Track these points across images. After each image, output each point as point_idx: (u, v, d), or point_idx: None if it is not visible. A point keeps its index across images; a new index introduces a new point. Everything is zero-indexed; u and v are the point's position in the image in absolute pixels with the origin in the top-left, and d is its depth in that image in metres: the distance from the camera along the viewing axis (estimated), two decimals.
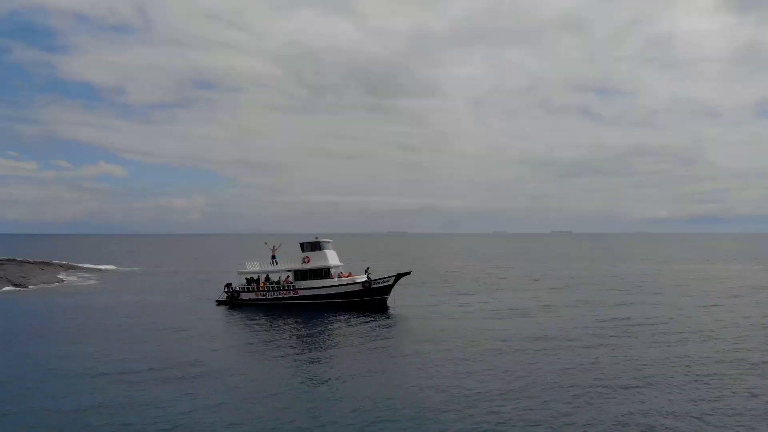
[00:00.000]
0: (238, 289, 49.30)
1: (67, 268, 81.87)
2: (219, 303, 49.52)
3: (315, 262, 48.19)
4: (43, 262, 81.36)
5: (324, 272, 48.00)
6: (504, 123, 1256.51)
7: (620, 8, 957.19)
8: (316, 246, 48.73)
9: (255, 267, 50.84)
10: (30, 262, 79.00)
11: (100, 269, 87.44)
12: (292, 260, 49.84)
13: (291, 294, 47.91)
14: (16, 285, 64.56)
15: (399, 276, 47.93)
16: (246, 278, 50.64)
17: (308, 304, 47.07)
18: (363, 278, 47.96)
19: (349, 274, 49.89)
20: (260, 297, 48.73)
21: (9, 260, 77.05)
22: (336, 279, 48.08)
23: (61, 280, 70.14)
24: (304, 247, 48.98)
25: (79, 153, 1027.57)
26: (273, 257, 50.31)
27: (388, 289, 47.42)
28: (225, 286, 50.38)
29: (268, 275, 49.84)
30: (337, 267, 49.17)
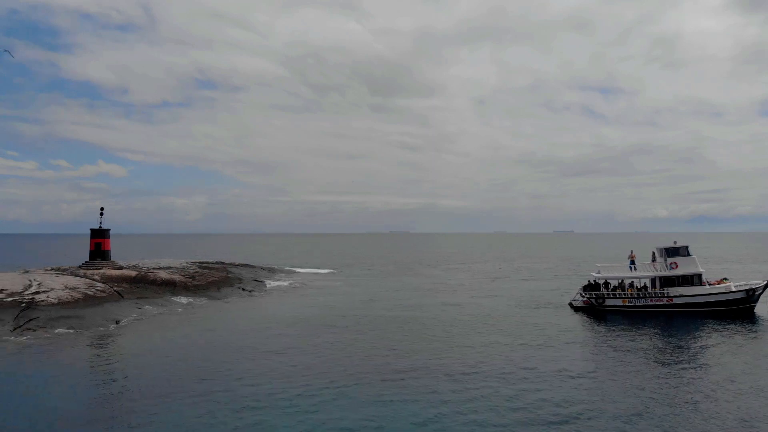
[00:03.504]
0: (604, 294, 47.54)
1: (269, 270, 78.80)
2: (576, 308, 47.86)
3: (684, 268, 46.52)
4: (246, 265, 78.24)
5: (695, 278, 46.43)
6: (507, 122, 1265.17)
7: (625, 8, 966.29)
8: (683, 251, 47.13)
9: (616, 272, 49.10)
10: (236, 265, 75.92)
11: (295, 271, 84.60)
12: (646, 266, 48.22)
13: (664, 301, 46.21)
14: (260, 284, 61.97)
15: None
16: (591, 282, 49.17)
17: (681, 312, 45.47)
18: (730, 284, 46.56)
19: (721, 281, 48.29)
20: (627, 304, 46.96)
21: (218, 263, 73.94)
22: (708, 286, 46.55)
23: (290, 282, 67.31)
24: (669, 252, 47.31)
25: (79, 153, 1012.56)
26: (632, 262, 48.54)
27: (758, 297, 46.09)
28: (584, 290, 48.70)
29: (632, 281, 48.20)
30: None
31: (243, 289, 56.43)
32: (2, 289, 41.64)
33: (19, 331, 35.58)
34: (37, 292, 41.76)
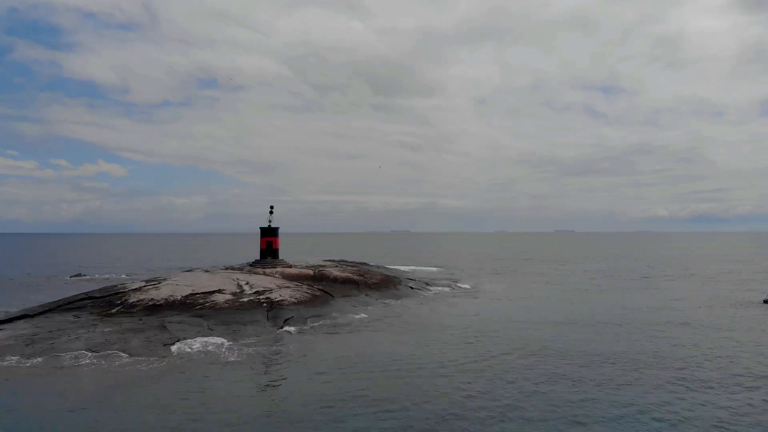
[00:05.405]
0: None
1: (384, 268, 76.76)
2: None
3: None
4: (364, 263, 76.19)
5: None
6: (507, 122, 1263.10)
7: (627, 8, 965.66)
8: None
9: None
10: (358, 263, 73.88)
11: (403, 270, 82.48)
12: None
13: None
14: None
15: None
16: None
17: None
18: None
19: None
20: None
21: (342, 260, 71.81)
22: None
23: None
24: None
25: (79, 152, 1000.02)
26: None
27: None
28: None
29: None
30: None
31: (411, 288, 54.53)
32: (221, 289, 39.62)
33: (286, 328, 33.83)
34: (258, 292, 39.73)
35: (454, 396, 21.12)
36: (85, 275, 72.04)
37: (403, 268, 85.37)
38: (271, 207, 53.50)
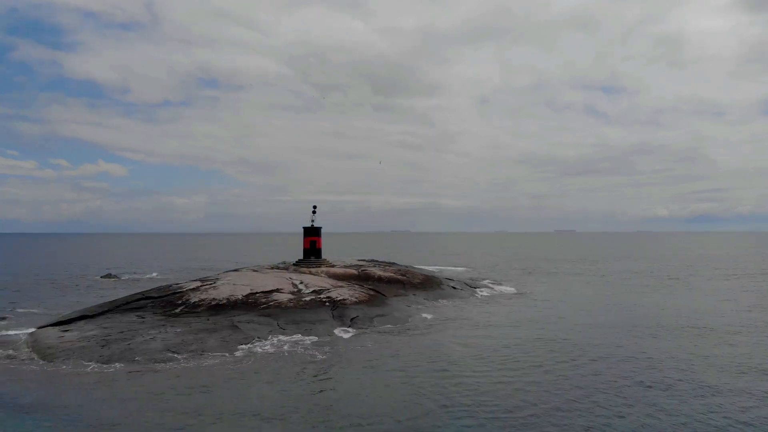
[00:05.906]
0: None
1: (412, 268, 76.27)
2: None
3: None
4: (393, 263, 75.66)
5: None
6: (508, 122, 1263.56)
7: (628, 7, 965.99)
8: None
9: None
10: (389, 262, 73.34)
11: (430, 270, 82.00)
12: None
13: None
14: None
15: None
16: None
17: None
18: None
19: None
20: None
21: (372, 260, 71.32)
22: None
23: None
24: None
25: (79, 152, 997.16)
26: None
27: None
28: None
29: None
30: None
31: (454, 288, 54.09)
32: (279, 288, 39.15)
33: (353, 328, 33.49)
34: (316, 291, 39.26)
35: (589, 400, 20.68)
36: (115, 275, 71.49)
37: (429, 267, 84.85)
38: (314, 206, 53.03)
